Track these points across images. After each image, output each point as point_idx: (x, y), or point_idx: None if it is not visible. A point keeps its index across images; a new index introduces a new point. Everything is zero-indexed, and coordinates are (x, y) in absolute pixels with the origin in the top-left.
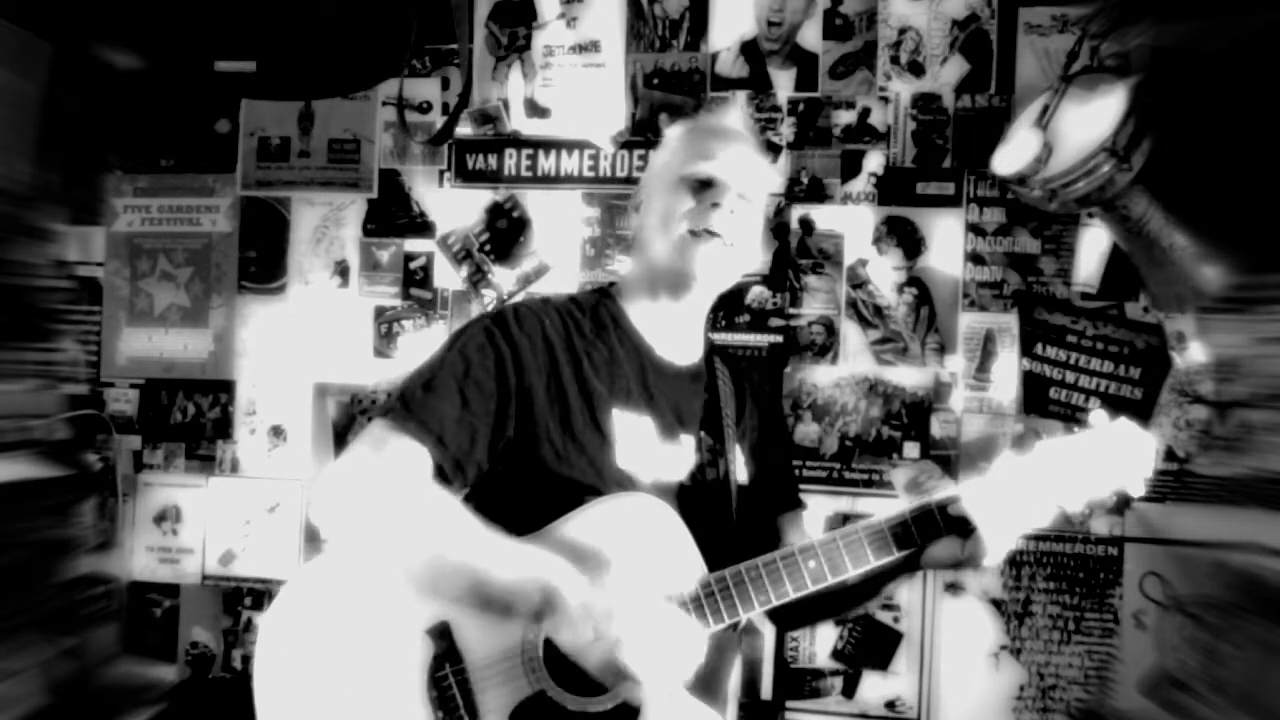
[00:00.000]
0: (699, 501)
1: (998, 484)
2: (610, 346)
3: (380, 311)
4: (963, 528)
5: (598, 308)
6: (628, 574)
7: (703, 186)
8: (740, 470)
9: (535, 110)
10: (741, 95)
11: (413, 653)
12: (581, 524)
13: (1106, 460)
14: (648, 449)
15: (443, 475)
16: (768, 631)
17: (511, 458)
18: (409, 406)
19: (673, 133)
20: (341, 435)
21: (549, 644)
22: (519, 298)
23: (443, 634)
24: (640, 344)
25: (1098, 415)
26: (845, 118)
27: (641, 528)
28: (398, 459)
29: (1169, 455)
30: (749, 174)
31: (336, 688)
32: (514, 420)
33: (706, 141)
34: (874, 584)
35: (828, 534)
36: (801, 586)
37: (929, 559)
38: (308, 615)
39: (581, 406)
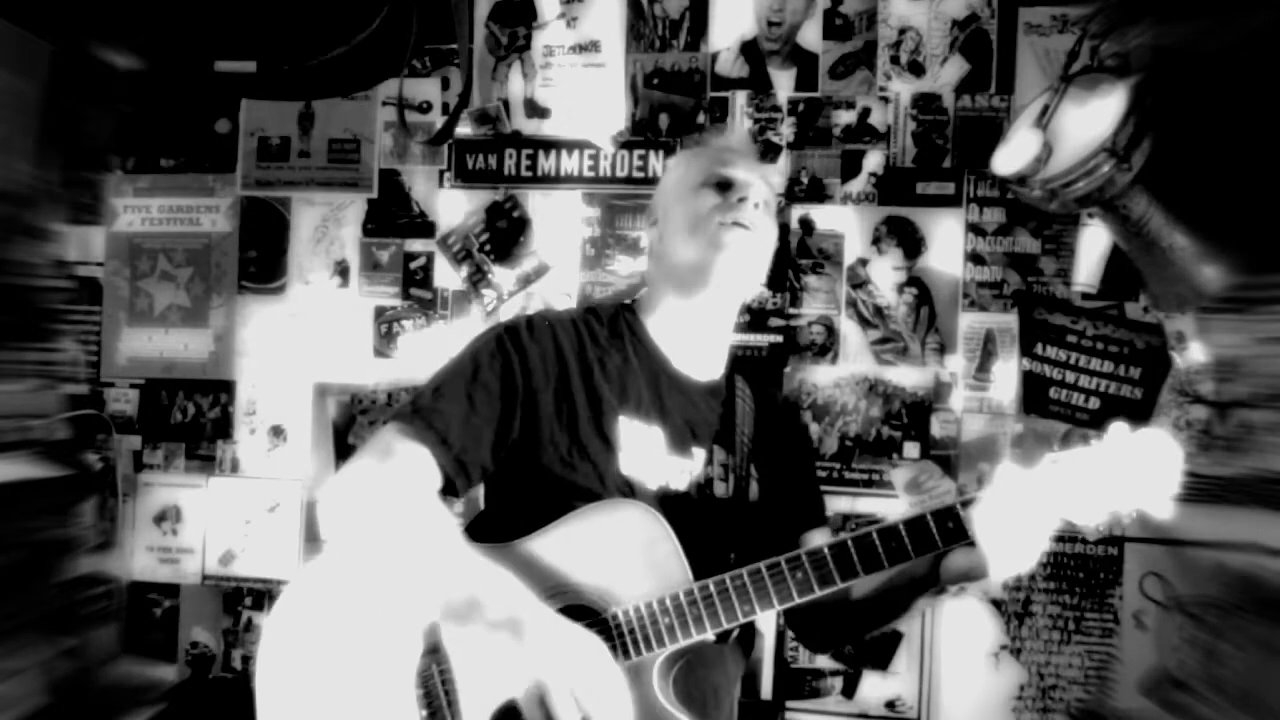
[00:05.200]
0: (707, 515)
1: (1000, 494)
2: (625, 355)
3: (380, 311)
4: (966, 539)
5: (616, 318)
6: (586, 593)
7: (726, 186)
8: (754, 486)
9: (535, 110)
10: (741, 96)
11: (407, 651)
12: (560, 534)
13: (1124, 474)
14: (655, 458)
15: (448, 475)
16: (768, 631)
17: (516, 460)
18: (417, 410)
19: (680, 155)
20: (341, 435)
21: None
22: (535, 307)
23: (433, 633)
24: (656, 355)
25: (1117, 426)
26: (845, 118)
27: (624, 538)
28: (399, 463)
29: None
30: (765, 183)
31: (336, 683)
32: (519, 423)
33: (723, 151)
34: (896, 600)
35: (815, 546)
36: (788, 598)
37: (948, 572)
38: (309, 615)
39: (588, 413)
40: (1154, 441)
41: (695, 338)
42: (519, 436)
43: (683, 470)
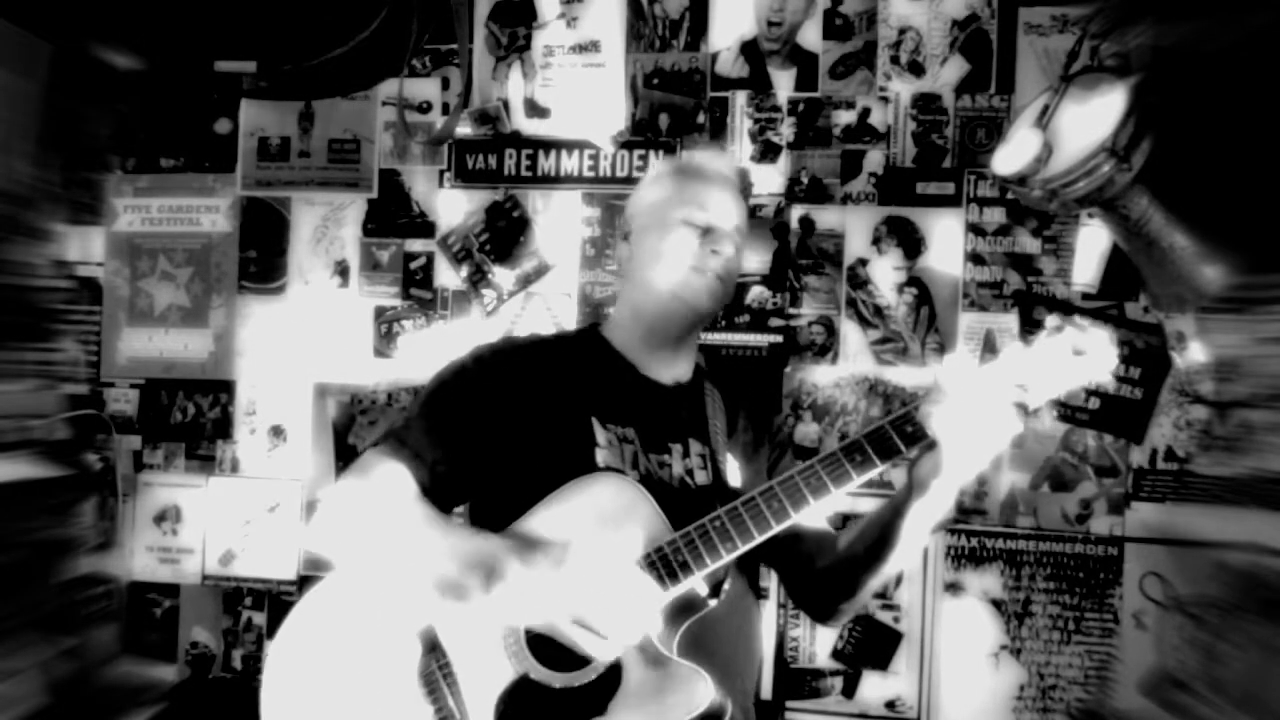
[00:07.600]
0: (688, 500)
1: (950, 391)
2: (594, 367)
3: (380, 311)
4: (927, 442)
5: (582, 337)
6: (583, 542)
7: (704, 232)
8: (733, 474)
9: (535, 110)
10: (741, 96)
11: (405, 654)
12: (547, 511)
13: (1062, 355)
14: (630, 454)
15: (425, 488)
16: (768, 632)
17: (493, 471)
18: (392, 434)
19: (662, 170)
20: (341, 435)
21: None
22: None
23: (428, 633)
24: (625, 365)
25: (1050, 318)
26: (845, 118)
27: (604, 505)
28: (378, 477)
29: (1169, 455)
30: (736, 220)
31: (342, 700)
32: (493, 435)
33: (704, 189)
34: (879, 535)
35: (785, 474)
36: (766, 527)
37: (919, 477)
38: (313, 634)
39: (562, 415)
40: (1085, 328)
41: (661, 349)
42: (494, 447)
43: (662, 465)
